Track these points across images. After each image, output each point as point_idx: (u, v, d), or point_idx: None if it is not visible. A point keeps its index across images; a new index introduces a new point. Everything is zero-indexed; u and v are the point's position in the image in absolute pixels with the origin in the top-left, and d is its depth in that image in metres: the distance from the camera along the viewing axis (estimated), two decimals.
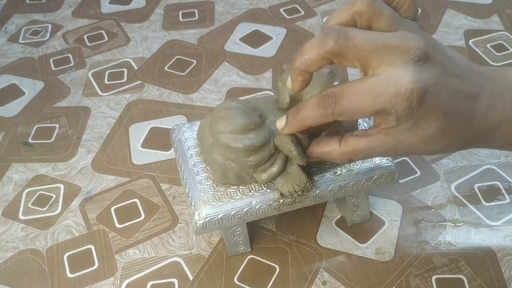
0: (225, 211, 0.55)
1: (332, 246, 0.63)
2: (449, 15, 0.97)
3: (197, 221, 0.55)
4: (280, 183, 0.55)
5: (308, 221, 0.66)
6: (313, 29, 0.96)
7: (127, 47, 0.96)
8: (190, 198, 0.57)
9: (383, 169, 0.58)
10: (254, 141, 0.52)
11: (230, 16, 1.01)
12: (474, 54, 0.88)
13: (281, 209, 0.57)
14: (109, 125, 0.81)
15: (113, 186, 0.72)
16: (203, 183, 0.57)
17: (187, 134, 0.63)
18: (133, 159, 0.75)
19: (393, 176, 0.59)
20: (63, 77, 0.90)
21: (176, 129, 0.64)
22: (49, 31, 1.01)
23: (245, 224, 0.60)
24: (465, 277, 0.59)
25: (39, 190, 0.72)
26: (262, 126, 0.54)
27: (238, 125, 0.52)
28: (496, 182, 0.68)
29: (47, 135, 0.80)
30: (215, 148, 0.55)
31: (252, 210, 0.56)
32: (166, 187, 0.71)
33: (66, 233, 0.67)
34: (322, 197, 0.57)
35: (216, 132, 0.54)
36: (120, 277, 0.62)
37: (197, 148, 0.61)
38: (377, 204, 0.67)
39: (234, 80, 0.87)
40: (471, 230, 0.63)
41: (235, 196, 0.56)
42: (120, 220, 0.68)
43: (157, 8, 1.05)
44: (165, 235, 0.66)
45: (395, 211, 0.66)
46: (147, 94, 0.86)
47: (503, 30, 0.92)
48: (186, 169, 0.59)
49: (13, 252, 0.65)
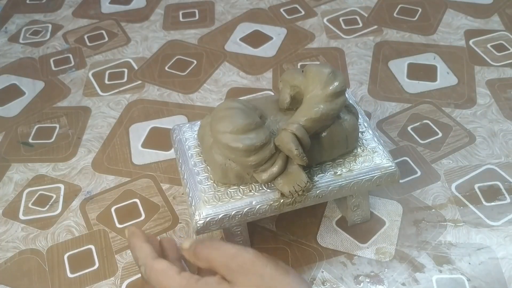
0: (225, 211, 0.55)
1: (333, 246, 0.63)
2: (449, 15, 0.97)
3: (197, 221, 0.55)
4: (281, 183, 0.55)
5: (308, 221, 0.66)
6: (313, 29, 0.96)
7: (128, 47, 0.96)
8: (190, 198, 0.57)
9: (384, 169, 0.58)
10: (254, 141, 0.52)
11: (231, 16, 1.01)
12: (474, 54, 0.88)
13: (282, 209, 0.57)
14: (110, 125, 0.81)
15: (113, 186, 0.72)
16: (204, 183, 0.57)
17: (188, 134, 0.63)
18: (133, 159, 0.75)
19: (393, 176, 0.59)
20: (63, 77, 0.90)
21: (176, 129, 0.64)
22: (49, 31, 1.01)
23: (246, 224, 0.60)
24: (465, 277, 0.59)
25: (39, 190, 0.72)
26: (262, 126, 0.54)
27: (239, 125, 0.52)
28: (496, 182, 0.68)
29: (48, 135, 0.80)
30: (215, 148, 0.55)
31: (252, 210, 0.56)
32: (167, 187, 0.71)
33: (67, 233, 0.67)
34: (322, 197, 0.57)
35: (216, 132, 0.54)
36: (120, 277, 0.62)
37: (197, 148, 0.61)
38: (378, 204, 0.67)
39: (235, 80, 0.87)
40: (472, 230, 0.63)
41: (236, 196, 0.56)
42: (120, 220, 0.68)
43: (157, 8, 1.05)
44: (166, 235, 0.66)
45: (395, 211, 0.66)
46: (147, 94, 0.86)
47: (504, 30, 0.92)
48: (186, 169, 0.59)
49: (13, 252, 0.65)
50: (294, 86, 0.57)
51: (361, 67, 0.87)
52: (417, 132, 0.75)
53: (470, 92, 0.81)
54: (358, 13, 0.99)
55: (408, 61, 0.88)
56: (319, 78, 0.55)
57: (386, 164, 0.58)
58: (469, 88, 0.82)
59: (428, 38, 0.92)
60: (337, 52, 0.91)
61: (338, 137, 0.56)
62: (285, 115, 0.57)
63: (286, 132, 0.52)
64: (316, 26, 0.97)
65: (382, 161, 0.58)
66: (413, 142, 0.74)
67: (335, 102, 0.54)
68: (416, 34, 0.93)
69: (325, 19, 0.98)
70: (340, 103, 0.55)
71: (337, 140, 0.57)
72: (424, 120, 0.77)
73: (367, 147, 0.59)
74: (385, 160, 0.58)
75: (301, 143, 0.53)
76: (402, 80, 0.84)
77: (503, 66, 0.85)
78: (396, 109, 0.79)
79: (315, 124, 0.54)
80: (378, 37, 0.93)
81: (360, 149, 0.59)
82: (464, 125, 0.76)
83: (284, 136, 0.52)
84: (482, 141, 0.73)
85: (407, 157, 0.72)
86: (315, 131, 0.55)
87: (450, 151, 0.72)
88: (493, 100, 0.79)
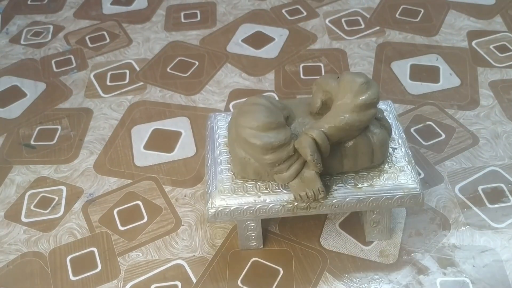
0: (237, 204, 0.56)
1: (336, 248, 0.63)
2: (452, 16, 0.97)
3: (209, 209, 0.56)
4: (294, 186, 0.55)
5: (311, 223, 0.65)
6: (316, 30, 0.96)
7: (129, 48, 0.96)
8: (208, 185, 0.58)
9: (407, 190, 0.57)
10: (272, 140, 0.52)
11: (232, 17, 1.01)
12: (477, 55, 0.88)
13: (295, 212, 0.57)
14: (112, 126, 0.81)
15: (115, 188, 0.72)
16: (224, 173, 0.58)
17: (221, 124, 0.63)
18: (135, 161, 0.75)
19: (416, 199, 0.57)
20: (65, 79, 0.90)
21: (212, 116, 0.65)
22: (50, 32, 1.01)
23: (260, 220, 0.60)
24: (469, 279, 0.59)
25: (41, 192, 0.72)
26: (284, 126, 0.54)
27: (260, 122, 0.53)
28: (500, 184, 0.68)
29: (49, 137, 0.80)
30: (238, 141, 0.55)
31: (265, 208, 0.56)
32: (169, 189, 0.71)
33: (69, 235, 0.67)
34: (338, 207, 0.57)
35: (238, 125, 0.54)
36: (123, 280, 0.62)
37: (226, 138, 0.61)
38: None
39: (237, 81, 0.87)
40: (476, 232, 0.63)
41: (251, 191, 0.56)
42: (123, 223, 0.67)
43: (159, 9, 1.05)
44: (168, 238, 0.65)
45: (399, 214, 0.66)
46: (149, 95, 0.85)
47: (506, 31, 0.92)
48: (211, 157, 0.60)
49: (15, 254, 0.65)
50: (327, 92, 0.56)
51: (363, 68, 0.87)
52: (420, 134, 0.75)
53: (473, 94, 0.81)
54: (360, 14, 0.99)
55: (410, 62, 0.87)
56: (350, 86, 0.54)
57: (411, 185, 0.57)
58: (472, 89, 0.82)
59: (431, 39, 0.92)
60: (339, 53, 0.90)
61: (363, 150, 0.55)
62: (313, 119, 0.57)
63: (306, 136, 0.52)
64: (318, 27, 0.97)
65: (407, 181, 0.57)
66: (416, 143, 0.74)
67: (363, 114, 0.53)
68: (419, 35, 0.93)
69: (327, 20, 0.98)
70: (368, 115, 0.53)
71: (361, 152, 0.55)
72: (427, 121, 0.77)
73: (395, 165, 0.58)
74: (411, 181, 0.57)
75: (320, 149, 0.52)
76: (405, 81, 0.84)
77: (506, 67, 0.85)
78: (399, 110, 0.79)
79: (338, 132, 0.53)
80: (381, 38, 0.93)
81: (387, 165, 0.58)
82: (467, 126, 0.76)
83: (303, 139, 0.52)
84: (485, 143, 0.73)
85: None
86: (338, 140, 0.54)
87: (453, 153, 0.72)
88: (496, 101, 0.79)
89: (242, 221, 0.59)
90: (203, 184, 0.71)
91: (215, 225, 0.66)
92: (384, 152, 0.57)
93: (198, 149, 0.76)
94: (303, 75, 0.87)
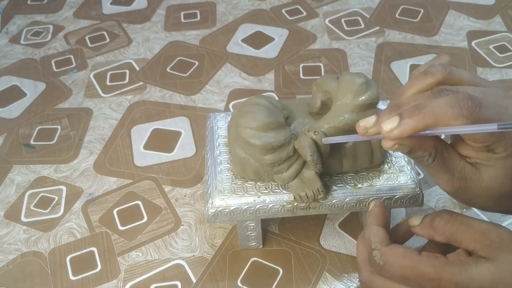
0: (237, 204, 0.56)
1: (336, 248, 0.63)
2: (451, 16, 0.97)
3: (209, 209, 0.56)
4: (294, 186, 0.55)
5: (311, 223, 0.66)
6: (315, 30, 0.96)
7: (129, 48, 0.96)
8: (208, 186, 0.58)
9: (407, 190, 0.56)
10: (272, 140, 0.52)
11: (232, 17, 1.01)
12: (477, 55, 0.88)
13: (295, 212, 0.57)
14: (111, 126, 0.81)
15: (115, 188, 0.72)
16: (223, 173, 0.58)
17: (221, 123, 0.63)
18: (135, 161, 0.75)
19: (416, 199, 0.57)
20: (64, 79, 0.90)
21: (211, 116, 0.65)
22: (50, 32, 1.01)
23: (259, 220, 0.60)
24: None
25: (41, 192, 0.72)
26: (284, 126, 0.54)
27: (260, 122, 0.52)
28: None
29: (49, 136, 0.80)
30: (237, 141, 0.55)
31: (265, 208, 0.56)
32: (169, 189, 0.71)
33: (69, 235, 0.67)
34: (338, 208, 0.57)
35: (238, 125, 0.54)
36: (123, 280, 0.62)
37: (226, 138, 0.61)
38: None
39: (237, 81, 0.87)
40: None
41: (250, 192, 0.56)
42: (122, 222, 0.68)
43: (158, 9, 1.05)
44: (168, 238, 0.65)
45: (398, 214, 0.66)
46: (149, 95, 0.86)
47: (506, 31, 0.92)
48: (211, 157, 0.60)
49: (15, 254, 0.65)
50: (326, 92, 0.56)
51: (363, 68, 0.87)
52: None
53: None
54: (360, 14, 0.99)
55: (410, 62, 0.88)
56: (350, 87, 0.53)
57: (410, 186, 0.56)
58: None
59: (430, 39, 0.92)
60: (339, 53, 0.90)
61: (363, 150, 0.55)
62: (313, 119, 0.57)
63: (305, 137, 0.52)
64: (318, 27, 0.97)
65: (406, 181, 0.57)
66: None
67: (363, 114, 0.52)
68: (418, 35, 0.93)
69: (327, 20, 0.98)
70: (368, 115, 0.54)
71: (361, 153, 0.55)
72: None
73: (395, 165, 0.58)
74: (410, 181, 0.57)
75: (319, 149, 0.52)
76: (405, 81, 0.84)
77: (505, 68, 0.85)
78: None
79: (338, 133, 0.52)
80: (380, 38, 0.93)
81: (387, 165, 0.58)
82: None
83: (302, 140, 0.52)
84: None
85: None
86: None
87: None
88: None
89: (241, 221, 0.59)
90: (202, 184, 0.71)
91: (215, 225, 0.66)
92: (384, 152, 0.57)
93: (198, 149, 0.76)
94: (303, 75, 0.87)
